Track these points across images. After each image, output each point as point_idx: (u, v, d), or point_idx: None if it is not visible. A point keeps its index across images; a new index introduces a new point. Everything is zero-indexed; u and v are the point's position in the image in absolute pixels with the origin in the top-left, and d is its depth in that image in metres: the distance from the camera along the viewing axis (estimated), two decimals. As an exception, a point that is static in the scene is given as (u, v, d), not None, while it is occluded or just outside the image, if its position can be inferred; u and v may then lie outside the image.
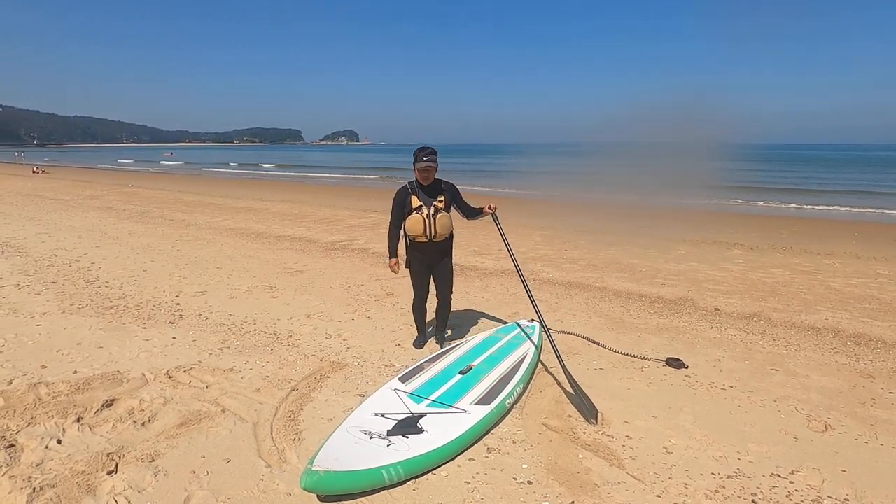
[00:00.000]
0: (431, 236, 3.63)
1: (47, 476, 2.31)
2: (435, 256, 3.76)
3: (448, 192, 3.68)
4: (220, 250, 7.65)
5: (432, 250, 3.72)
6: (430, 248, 3.70)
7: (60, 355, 3.68)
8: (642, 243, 8.47)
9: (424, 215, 3.58)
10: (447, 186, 3.70)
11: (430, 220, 3.60)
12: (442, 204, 3.62)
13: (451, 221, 3.72)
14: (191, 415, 2.89)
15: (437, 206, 3.61)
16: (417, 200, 3.60)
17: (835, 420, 2.97)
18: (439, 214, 3.61)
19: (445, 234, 3.69)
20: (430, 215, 3.59)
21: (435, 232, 3.62)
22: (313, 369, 3.55)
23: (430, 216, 3.59)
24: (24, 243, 7.72)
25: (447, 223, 3.67)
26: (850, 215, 13.82)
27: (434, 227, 3.60)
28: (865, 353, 4.02)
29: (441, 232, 3.64)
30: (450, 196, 3.68)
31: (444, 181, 3.71)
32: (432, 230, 3.61)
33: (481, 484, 2.36)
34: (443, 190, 3.66)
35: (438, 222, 3.61)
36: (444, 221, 3.64)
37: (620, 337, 4.29)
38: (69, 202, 13.81)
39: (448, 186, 3.70)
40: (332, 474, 2.18)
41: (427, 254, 3.74)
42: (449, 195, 3.67)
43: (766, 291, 5.74)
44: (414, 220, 3.59)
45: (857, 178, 27.69)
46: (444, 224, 3.64)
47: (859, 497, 2.30)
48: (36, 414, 2.84)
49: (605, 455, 2.58)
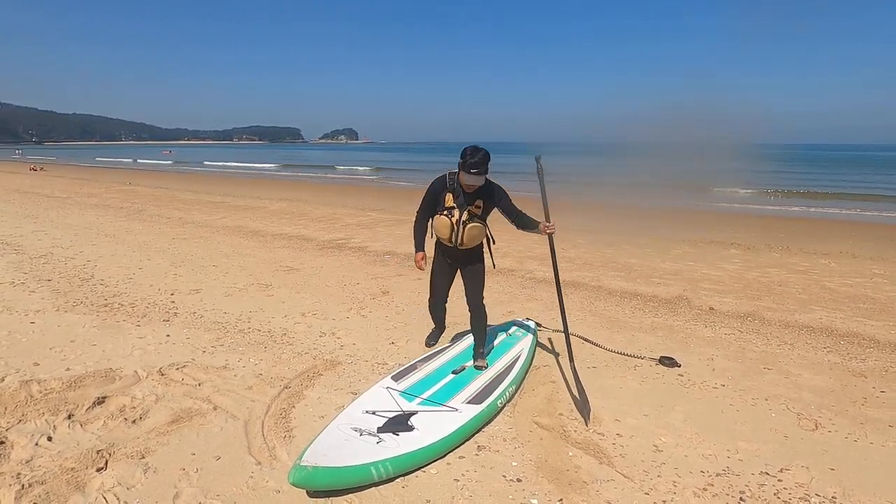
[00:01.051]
0: (457, 243, 3.23)
1: (36, 473, 2.31)
2: (462, 260, 3.36)
3: (490, 198, 3.16)
4: (217, 248, 7.65)
5: (458, 254, 3.33)
6: (455, 251, 3.31)
7: (53, 353, 3.68)
8: (641, 243, 8.48)
9: (454, 220, 3.14)
10: (491, 192, 3.15)
11: (459, 228, 3.16)
12: (478, 210, 3.15)
13: (485, 231, 3.26)
14: (182, 412, 2.89)
15: (472, 211, 3.14)
16: (452, 200, 3.14)
17: (825, 419, 2.98)
18: (471, 224, 3.14)
19: (473, 245, 3.26)
20: (459, 221, 3.14)
21: (462, 241, 3.21)
22: (306, 367, 3.55)
23: (460, 222, 3.14)
24: (20, 241, 7.71)
25: (477, 234, 3.20)
26: (848, 216, 13.83)
27: (461, 235, 3.17)
28: (858, 352, 4.03)
29: (468, 243, 3.22)
30: (492, 203, 3.18)
31: (491, 183, 3.17)
32: (459, 238, 3.19)
33: (470, 481, 2.36)
34: (485, 195, 3.15)
35: (467, 233, 3.16)
36: (474, 233, 3.17)
37: (614, 336, 4.30)
38: (66, 200, 13.80)
39: (492, 192, 3.16)
40: (321, 470, 2.18)
41: (453, 257, 3.37)
42: (491, 202, 3.17)
43: (762, 291, 5.75)
44: (441, 222, 3.19)
45: (856, 178, 27.71)
46: (473, 235, 3.19)
47: (847, 495, 2.31)
48: (27, 411, 2.84)
49: (594, 453, 2.59)
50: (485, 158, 2.99)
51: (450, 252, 3.33)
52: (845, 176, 29.13)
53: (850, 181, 25.31)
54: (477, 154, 2.98)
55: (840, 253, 7.99)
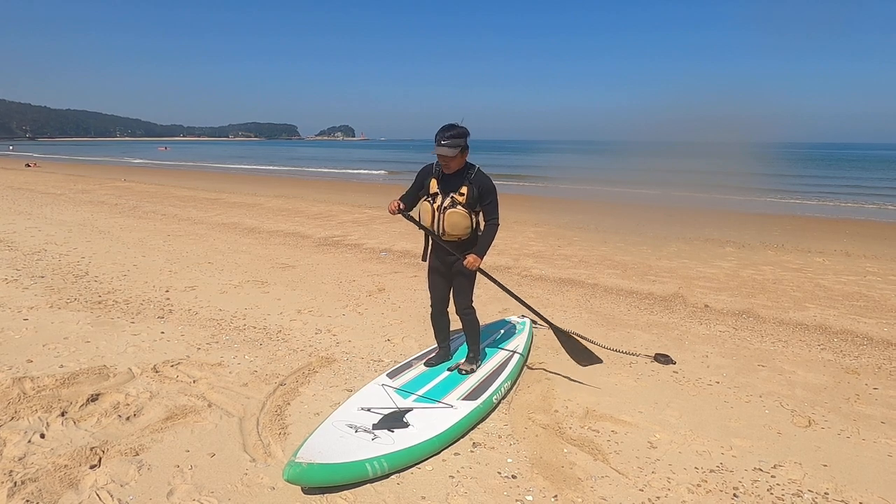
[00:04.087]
0: (439, 233, 3.00)
1: (29, 470, 2.30)
2: (446, 255, 3.06)
3: (475, 186, 2.90)
4: (212, 245, 7.62)
5: (442, 249, 3.04)
6: (439, 245, 3.04)
7: (47, 350, 3.66)
8: (636, 241, 8.50)
9: (435, 206, 2.96)
10: (478, 180, 2.91)
11: (440, 214, 2.94)
12: (462, 198, 2.90)
13: (471, 221, 2.98)
14: (177, 409, 2.88)
15: (455, 198, 2.91)
16: (435, 185, 2.96)
17: (819, 415, 3.00)
18: (451, 210, 2.91)
19: (456, 234, 2.98)
20: (440, 207, 2.94)
21: (443, 230, 2.97)
22: (302, 364, 3.54)
23: (440, 208, 2.94)
24: (14, 237, 7.65)
25: (459, 222, 2.93)
26: (842, 213, 13.91)
27: (442, 223, 2.95)
28: (851, 349, 4.05)
29: (449, 231, 2.96)
30: (476, 192, 2.90)
31: (481, 174, 2.94)
32: (440, 226, 2.97)
33: (465, 478, 2.36)
34: (472, 182, 2.90)
35: (447, 219, 2.93)
36: (455, 220, 2.92)
37: (610, 333, 4.31)
38: (61, 196, 13.70)
39: (480, 183, 2.91)
40: (316, 466, 2.18)
41: (438, 251, 3.09)
42: (476, 192, 2.90)
43: (756, 288, 5.78)
44: (424, 207, 3.02)
45: (853, 176, 27.84)
46: (454, 223, 2.93)
47: (839, 491, 2.33)
48: (20, 408, 2.82)
49: (589, 450, 2.60)
50: (458, 132, 2.81)
51: (437, 247, 3.07)
52: (841, 175, 29.27)
53: (845, 180, 25.43)
54: (447, 128, 2.83)
55: (834, 251, 8.03)
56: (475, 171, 2.94)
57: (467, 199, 2.91)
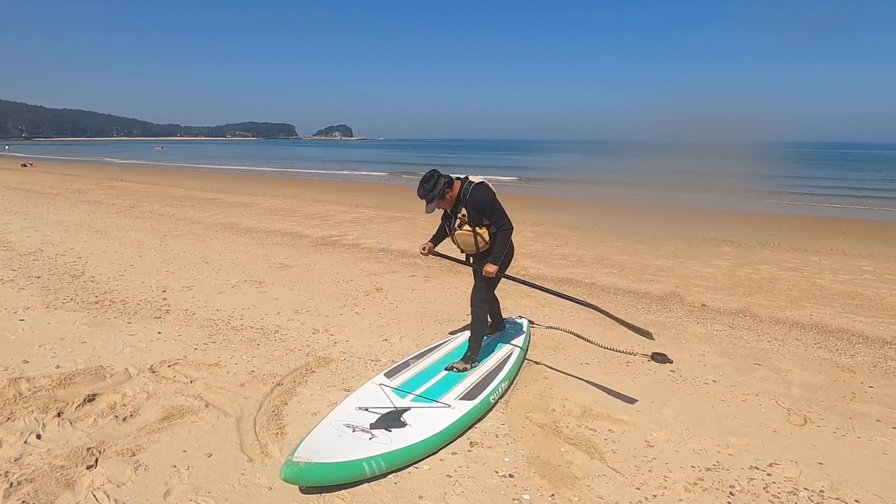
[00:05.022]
0: (460, 251, 3.45)
1: (25, 471, 2.29)
2: (476, 266, 3.43)
3: (470, 206, 3.15)
4: (210, 245, 7.60)
5: (470, 260, 3.49)
6: (467, 257, 3.50)
7: (43, 350, 3.64)
8: (634, 240, 8.52)
9: (450, 229, 3.37)
10: (472, 200, 3.14)
11: (454, 236, 3.35)
12: (465, 218, 3.21)
13: (477, 237, 3.23)
14: (174, 409, 2.87)
15: (461, 219, 3.22)
16: (448, 211, 3.35)
17: (814, 414, 3.01)
18: (458, 231, 3.27)
19: (469, 251, 3.37)
20: (451, 229, 3.34)
21: (459, 246, 3.38)
22: (299, 364, 3.54)
23: (452, 229, 3.33)
24: (10, 237, 7.62)
25: (468, 239, 3.26)
26: (838, 213, 13.96)
27: (457, 242, 3.35)
28: (847, 348, 4.07)
29: (464, 248, 3.36)
30: (473, 211, 3.15)
31: (473, 190, 3.16)
32: (458, 245, 3.38)
33: (463, 477, 2.37)
34: (466, 203, 3.16)
35: (458, 238, 3.31)
36: (464, 238, 3.27)
37: (607, 332, 4.31)
38: (57, 196, 13.65)
39: (473, 200, 3.14)
40: (313, 466, 2.18)
41: (470, 262, 3.50)
42: (472, 210, 3.15)
43: (753, 288, 5.80)
44: (442, 229, 3.47)
45: (852, 177, 27.93)
46: (465, 241, 3.29)
47: (834, 489, 2.34)
48: (16, 409, 2.81)
49: (586, 448, 2.60)
50: (426, 188, 3.11)
51: (467, 258, 3.51)
52: (838, 174, 29.36)
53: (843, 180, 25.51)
54: (420, 188, 3.15)
55: (830, 250, 8.06)
56: (469, 191, 3.18)
57: (469, 219, 3.21)
